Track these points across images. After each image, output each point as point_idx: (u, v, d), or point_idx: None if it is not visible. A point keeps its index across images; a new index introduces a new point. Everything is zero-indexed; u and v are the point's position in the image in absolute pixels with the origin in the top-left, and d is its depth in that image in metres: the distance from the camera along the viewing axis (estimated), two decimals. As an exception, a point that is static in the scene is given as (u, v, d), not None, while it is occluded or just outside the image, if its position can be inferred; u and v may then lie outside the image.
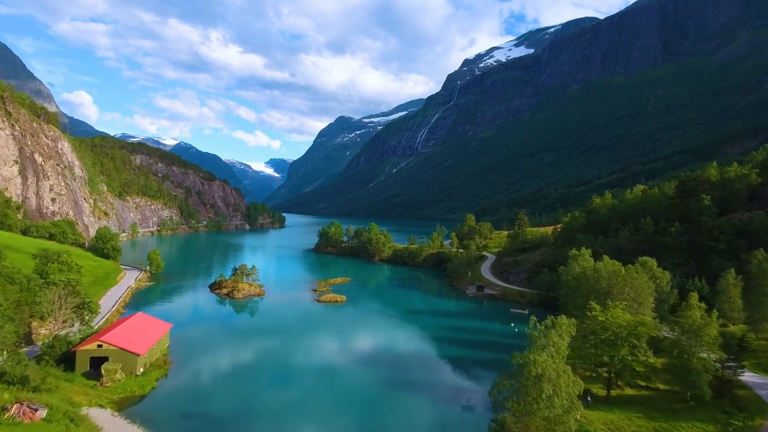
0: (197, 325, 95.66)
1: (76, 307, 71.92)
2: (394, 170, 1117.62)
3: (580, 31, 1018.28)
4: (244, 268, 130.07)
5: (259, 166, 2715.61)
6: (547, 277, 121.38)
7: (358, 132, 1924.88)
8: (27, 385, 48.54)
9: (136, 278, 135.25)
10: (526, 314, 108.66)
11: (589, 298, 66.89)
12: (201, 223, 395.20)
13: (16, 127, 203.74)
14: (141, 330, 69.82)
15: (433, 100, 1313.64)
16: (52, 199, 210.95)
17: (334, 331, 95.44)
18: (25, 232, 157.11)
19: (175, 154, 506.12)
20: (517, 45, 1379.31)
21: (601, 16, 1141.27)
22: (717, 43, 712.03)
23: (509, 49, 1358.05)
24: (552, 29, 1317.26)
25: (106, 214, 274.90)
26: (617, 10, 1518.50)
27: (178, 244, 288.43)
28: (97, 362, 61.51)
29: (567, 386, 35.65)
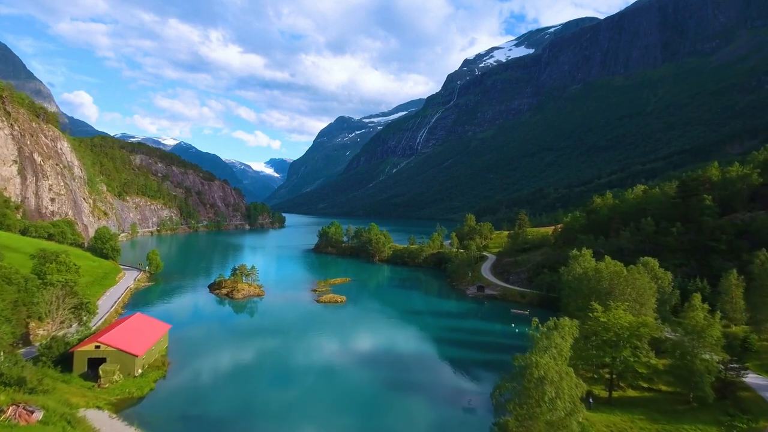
0: (196, 325, 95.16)
1: (74, 308, 71.47)
2: (394, 170, 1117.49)
3: (580, 31, 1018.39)
4: (244, 269, 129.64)
5: (259, 166, 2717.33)
6: (547, 277, 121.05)
7: (358, 132, 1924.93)
8: (24, 387, 48.04)
9: (135, 278, 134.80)
10: (527, 315, 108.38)
11: (591, 299, 66.45)
12: (201, 223, 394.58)
13: (15, 127, 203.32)
14: (139, 331, 69.37)
15: (433, 100, 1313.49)
16: (51, 199, 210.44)
17: (334, 331, 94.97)
18: (24, 232, 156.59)
19: (174, 154, 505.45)
20: (517, 45, 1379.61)
21: (601, 16, 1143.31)
22: (717, 43, 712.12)
23: (509, 49, 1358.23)
24: (552, 29, 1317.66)
25: (105, 214, 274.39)
26: (617, 10, 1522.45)
27: (178, 244, 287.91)
28: (95, 363, 61.07)
29: (570, 389, 35.19)
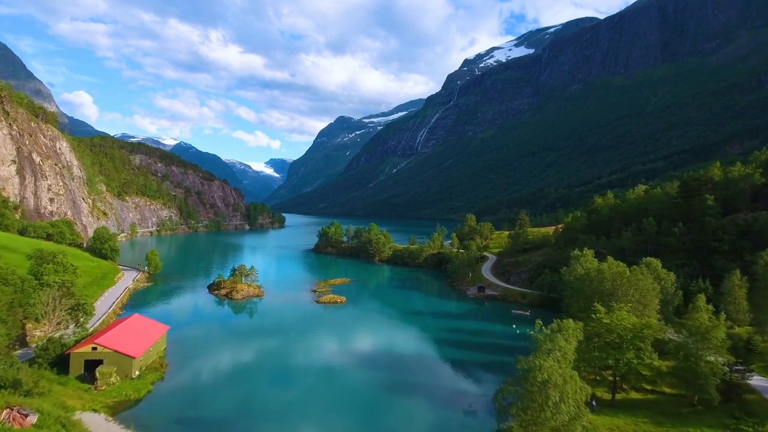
0: (195, 326, 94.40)
1: (71, 309, 70.75)
2: (394, 170, 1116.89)
3: (580, 31, 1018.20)
4: (243, 269, 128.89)
5: (259, 166, 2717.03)
6: (548, 277, 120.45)
7: (358, 132, 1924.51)
8: (19, 389, 47.22)
9: (134, 279, 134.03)
10: (528, 315, 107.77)
11: (593, 300, 65.82)
12: (200, 224, 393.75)
13: (14, 127, 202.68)
14: (137, 332, 68.65)
15: (433, 100, 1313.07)
16: (50, 199, 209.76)
17: (334, 332, 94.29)
18: (23, 232, 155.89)
19: (174, 154, 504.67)
20: (517, 45, 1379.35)
21: (601, 16, 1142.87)
22: (717, 43, 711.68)
23: (509, 49, 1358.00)
24: (552, 29, 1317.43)
25: (104, 214, 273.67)
26: (617, 10, 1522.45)
27: (177, 244, 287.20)
28: (92, 365, 60.34)
29: (574, 392, 34.48)
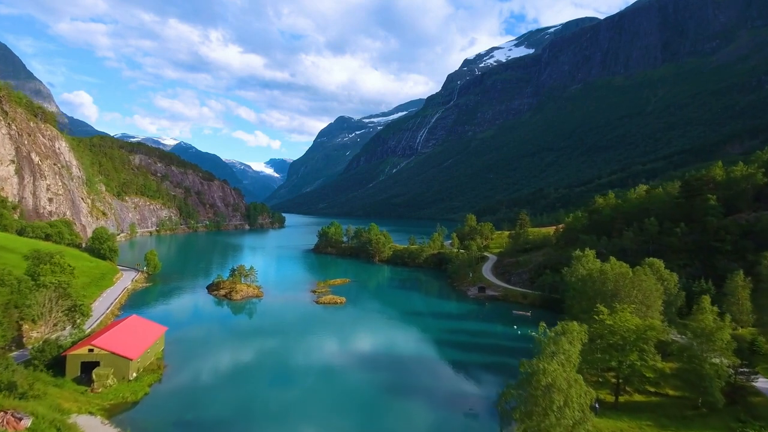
0: (193, 327, 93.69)
1: (68, 310, 69.97)
2: (394, 170, 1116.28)
3: (580, 31, 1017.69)
4: (242, 269, 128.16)
5: (259, 166, 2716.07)
6: (549, 278, 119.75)
7: (358, 132, 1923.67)
8: (14, 392, 46.63)
9: (133, 279, 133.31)
10: (529, 316, 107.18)
11: (596, 301, 65.08)
12: (200, 224, 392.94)
13: (13, 127, 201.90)
14: (134, 333, 67.94)
15: (433, 100, 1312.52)
16: (49, 199, 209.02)
17: (334, 333, 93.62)
18: (21, 232, 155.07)
19: (174, 154, 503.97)
20: (517, 45, 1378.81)
21: (601, 16, 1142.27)
22: (717, 43, 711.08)
23: (509, 49, 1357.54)
24: (552, 29, 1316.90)
25: (104, 214, 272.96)
26: (617, 10, 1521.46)
27: (177, 244, 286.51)
28: (89, 367, 59.62)
29: (579, 397, 33.77)
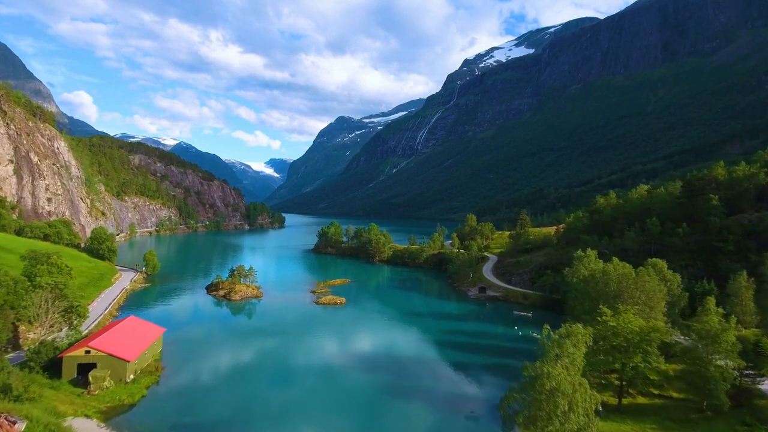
0: (192, 328, 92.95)
1: (64, 311, 69.27)
2: (394, 170, 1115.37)
3: (580, 31, 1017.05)
4: (242, 270, 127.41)
5: (259, 166, 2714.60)
6: (550, 278, 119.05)
7: (358, 132, 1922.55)
8: (9, 394, 45.92)
9: (132, 280, 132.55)
10: (530, 317, 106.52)
11: (599, 302, 64.36)
12: (200, 224, 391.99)
13: (12, 126, 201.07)
14: (131, 335, 67.19)
15: (433, 100, 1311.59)
16: (48, 199, 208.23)
17: (334, 333, 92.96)
18: (20, 232, 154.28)
19: (174, 154, 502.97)
20: (517, 45, 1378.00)
21: (601, 16, 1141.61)
22: (717, 43, 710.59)
23: (509, 49, 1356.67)
24: (552, 29, 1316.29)
25: (103, 214, 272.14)
26: (617, 10, 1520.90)
27: (176, 244, 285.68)
28: (85, 369, 58.95)
29: (584, 401, 33.08)
